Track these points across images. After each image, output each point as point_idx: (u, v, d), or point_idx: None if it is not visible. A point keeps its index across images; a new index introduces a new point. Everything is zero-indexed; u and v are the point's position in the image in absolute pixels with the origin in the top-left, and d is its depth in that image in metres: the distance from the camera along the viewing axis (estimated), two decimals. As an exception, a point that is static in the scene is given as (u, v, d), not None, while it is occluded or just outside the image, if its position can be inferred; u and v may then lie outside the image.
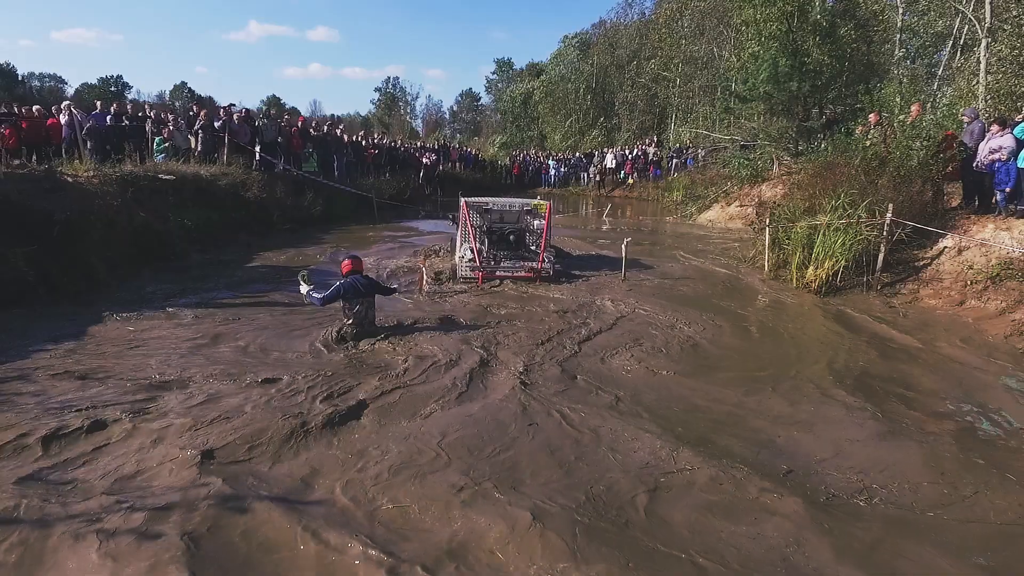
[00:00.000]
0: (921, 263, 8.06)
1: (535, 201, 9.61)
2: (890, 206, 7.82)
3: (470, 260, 8.43)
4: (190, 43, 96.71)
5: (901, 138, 8.77)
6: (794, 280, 8.37)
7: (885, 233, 7.91)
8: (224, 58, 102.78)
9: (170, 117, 13.78)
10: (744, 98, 16.63)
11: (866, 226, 7.90)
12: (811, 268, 8.13)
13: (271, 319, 6.31)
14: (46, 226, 6.97)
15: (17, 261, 6.36)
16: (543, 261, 8.52)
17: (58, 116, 11.13)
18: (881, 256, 8.00)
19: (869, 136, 9.49)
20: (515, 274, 8.44)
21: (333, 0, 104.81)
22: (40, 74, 59.32)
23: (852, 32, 15.57)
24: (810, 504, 3.24)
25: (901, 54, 17.27)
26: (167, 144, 12.10)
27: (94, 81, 56.06)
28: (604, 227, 16.22)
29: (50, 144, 10.81)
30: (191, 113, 13.67)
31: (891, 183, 8.44)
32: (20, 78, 53.04)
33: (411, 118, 59.90)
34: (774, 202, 10.46)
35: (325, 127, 17.23)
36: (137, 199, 9.01)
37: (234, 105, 13.57)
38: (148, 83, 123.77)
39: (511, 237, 9.18)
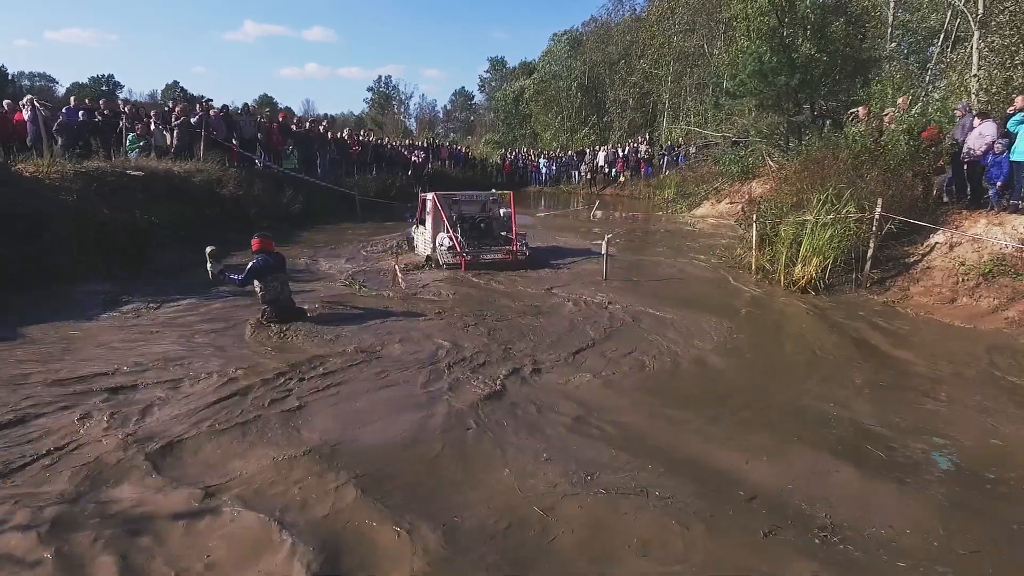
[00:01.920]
0: (911, 259, 7.79)
1: (498, 191, 10.35)
2: (879, 200, 7.56)
3: (449, 247, 8.77)
4: (188, 43, 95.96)
5: (891, 130, 8.52)
6: (782, 278, 8.08)
7: (874, 228, 7.65)
8: (222, 58, 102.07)
9: (152, 113, 13.43)
10: (733, 94, 16.38)
11: (854, 221, 7.63)
12: (799, 265, 7.85)
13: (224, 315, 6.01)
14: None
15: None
16: (516, 244, 9.03)
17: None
18: (870, 252, 7.74)
19: (857, 124, 9.24)
20: (495, 257, 8.89)
21: (330, 0, 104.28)
22: (30, 73, 58.87)
23: (843, 27, 15.32)
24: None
25: (893, 46, 17.06)
26: (141, 141, 11.78)
27: (85, 80, 55.71)
28: (594, 216, 16.13)
29: (19, 140, 10.50)
30: (167, 109, 13.35)
31: (880, 177, 8.17)
32: (10, 77, 52.48)
33: (405, 117, 59.49)
34: (761, 197, 10.18)
35: (307, 123, 16.87)
36: (101, 195, 8.66)
37: (211, 100, 13.23)
38: (144, 83, 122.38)
39: (481, 225, 9.71)
